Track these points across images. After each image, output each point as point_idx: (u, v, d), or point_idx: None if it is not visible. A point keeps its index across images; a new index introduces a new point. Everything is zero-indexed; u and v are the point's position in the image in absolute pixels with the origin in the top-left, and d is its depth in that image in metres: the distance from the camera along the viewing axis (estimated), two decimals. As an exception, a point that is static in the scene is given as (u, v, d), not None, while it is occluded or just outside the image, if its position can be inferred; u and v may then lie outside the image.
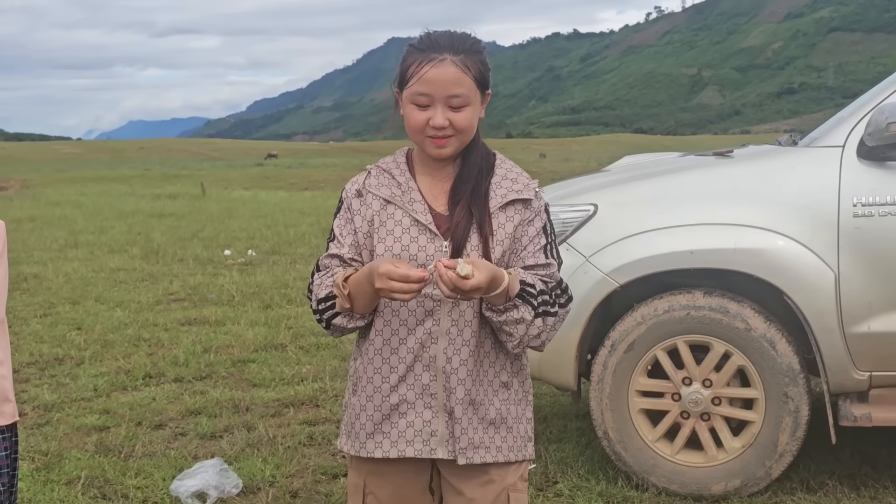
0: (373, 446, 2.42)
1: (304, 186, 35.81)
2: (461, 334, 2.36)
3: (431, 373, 2.37)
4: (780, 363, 4.29)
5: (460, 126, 2.31)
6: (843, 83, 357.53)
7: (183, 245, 14.86)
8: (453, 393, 2.36)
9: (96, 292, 10.27)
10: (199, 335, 7.93)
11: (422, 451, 2.39)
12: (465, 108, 2.31)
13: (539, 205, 2.42)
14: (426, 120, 2.31)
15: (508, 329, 2.33)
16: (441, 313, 2.35)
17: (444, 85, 2.29)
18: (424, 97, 2.30)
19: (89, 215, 21.26)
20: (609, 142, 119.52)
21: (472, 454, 2.39)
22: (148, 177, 43.06)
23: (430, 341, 2.36)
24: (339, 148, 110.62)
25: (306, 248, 14.39)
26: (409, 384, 2.38)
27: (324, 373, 6.60)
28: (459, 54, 2.30)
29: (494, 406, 2.42)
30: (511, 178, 2.42)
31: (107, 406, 5.92)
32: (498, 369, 2.43)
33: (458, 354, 2.36)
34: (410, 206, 2.37)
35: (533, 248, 2.39)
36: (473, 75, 2.31)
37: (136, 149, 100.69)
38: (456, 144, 2.35)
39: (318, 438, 5.26)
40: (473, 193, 2.37)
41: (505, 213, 2.38)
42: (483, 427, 2.41)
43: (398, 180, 2.41)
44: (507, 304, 2.30)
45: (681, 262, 4.35)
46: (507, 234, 2.37)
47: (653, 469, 4.45)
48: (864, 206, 4.17)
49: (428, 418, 2.39)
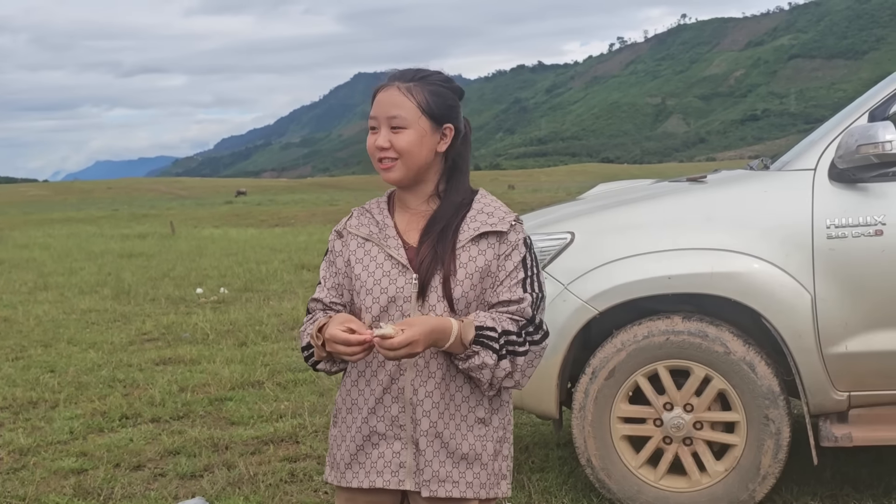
0: (350, 476, 2.47)
1: (275, 223, 35.71)
2: (427, 366, 2.40)
3: (400, 404, 2.41)
4: (760, 386, 4.31)
5: (399, 147, 2.40)
6: (804, 109, 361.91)
7: (154, 284, 14.75)
8: (418, 425, 2.40)
9: (68, 334, 10.17)
10: (174, 374, 7.86)
11: (390, 482, 2.42)
12: (403, 130, 2.40)
13: (517, 238, 2.44)
14: (374, 142, 2.44)
15: (475, 375, 2.37)
16: None
17: (385, 107, 2.41)
18: (373, 120, 2.45)
19: (58, 257, 21.06)
20: (577, 171, 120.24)
21: (437, 487, 2.41)
22: (116, 217, 42.78)
23: (398, 373, 2.41)
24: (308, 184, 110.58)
25: (279, 284, 14.33)
26: (380, 416, 2.43)
27: (302, 409, 6.56)
28: (408, 82, 2.44)
29: (468, 441, 2.43)
30: (487, 211, 2.46)
31: (84, 448, 5.84)
32: (473, 404, 2.44)
33: (424, 386, 2.40)
34: (385, 242, 2.45)
35: (510, 282, 2.40)
36: (416, 100, 2.41)
37: (103, 189, 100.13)
38: (402, 169, 2.42)
39: (300, 475, 5.22)
40: (442, 233, 2.42)
41: (477, 247, 2.41)
42: (453, 461, 2.42)
43: (377, 219, 2.50)
44: (467, 352, 2.33)
45: (659, 287, 4.38)
46: (478, 267, 2.39)
47: (637, 495, 4.45)
48: (837, 227, 4.22)
49: (398, 449, 2.42)
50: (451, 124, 2.46)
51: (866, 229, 4.19)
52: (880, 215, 4.19)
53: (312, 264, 17.29)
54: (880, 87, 4.50)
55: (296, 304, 11.77)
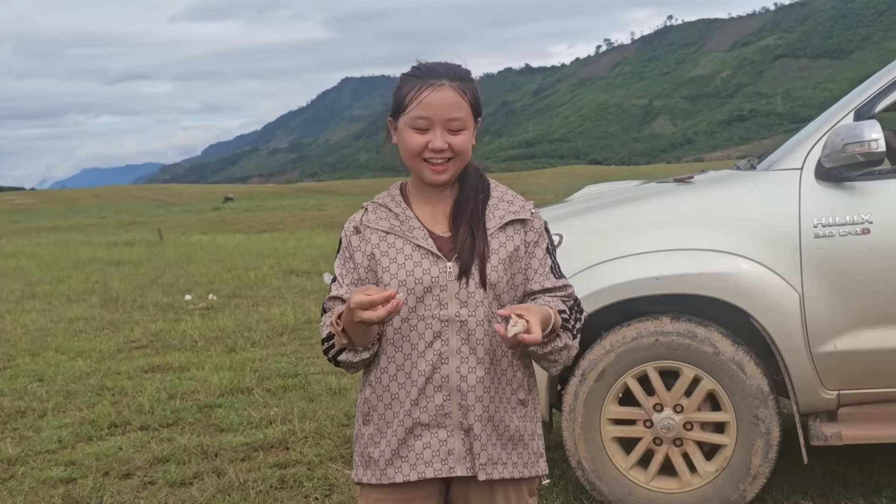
0: (393, 472, 2.42)
1: (263, 229, 35.65)
2: (474, 353, 2.39)
3: (444, 393, 2.39)
4: (749, 386, 4.31)
5: (459, 149, 2.39)
6: (791, 108, 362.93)
7: (142, 292, 14.71)
8: (471, 410, 2.39)
9: (56, 343, 10.13)
10: (163, 382, 7.83)
11: (441, 470, 2.40)
12: (462, 131, 2.39)
13: (539, 224, 2.50)
14: (425, 143, 2.38)
15: (553, 357, 2.41)
16: (449, 333, 2.38)
17: (444, 108, 2.36)
18: (424, 121, 2.37)
19: (45, 265, 20.99)
20: (564, 174, 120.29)
21: (492, 470, 2.42)
22: (104, 224, 42.67)
23: (440, 362, 2.38)
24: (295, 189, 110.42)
25: (267, 290, 14.30)
26: (422, 407, 2.40)
27: (292, 415, 6.54)
28: (456, 80, 2.39)
29: (514, 423, 2.46)
30: (507, 199, 2.49)
31: (72, 457, 5.82)
32: (515, 387, 2.47)
33: (474, 373, 2.39)
34: (410, 234, 2.42)
35: (543, 269, 2.46)
36: (469, 100, 2.40)
37: (90, 197, 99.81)
38: (454, 169, 2.42)
39: (290, 481, 5.20)
40: (473, 214, 2.43)
41: (504, 233, 2.43)
42: (502, 443, 2.44)
43: (395, 212, 2.46)
44: (551, 336, 2.36)
45: (647, 288, 4.38)
46: (508, 253, 2.42)
47: (628, 497, 4.45)
48: (824, 226, 4.22)
49: (444, 437, 2.40)
50: (481, 117, 2.49)
51: (853, 228, 4.20)
52: (867, 214, 4.19)
53: (301, 269, 17.26)
54: (866, 86, 4.50)
55: (285, 310, 11.75)
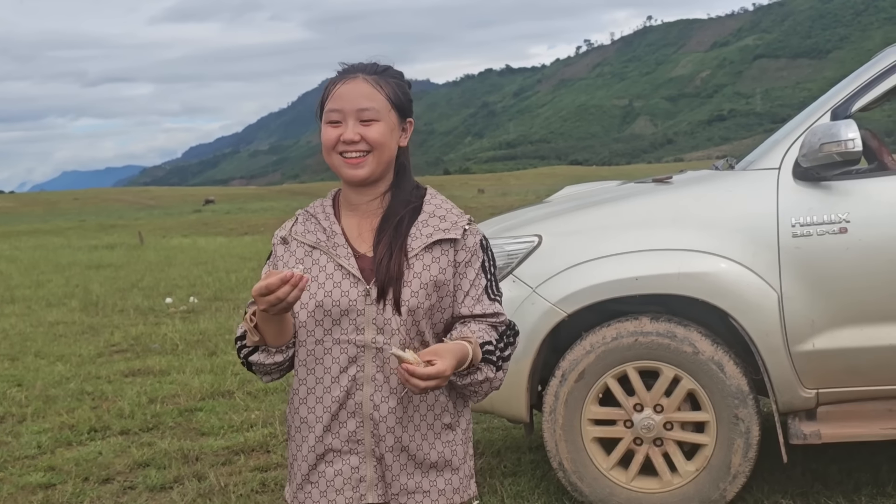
0: (303, 496, 2.38)
1: (244, 231, 35.54)
2: (387, 381, 2.30)
3: (357, 419, 2.31)
4: (728, 385, 4.33)
5: (371, 139, 2.29)
6: (770, 108, 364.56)
7: (123, 295, 14.64)
8: (382, 440, 2.31)
9: (36, 347, 10.06)
10: (143, 386, 7.80)
11: (352, 498, 2.34)
12: (375, 122, 2.30)
13: (474, 242, 2.35)
14: (338, 136, 2.31)
15: (474, 388, 2.32)
16: (365, 359, 2.29)
17: (354, 98, 2.30)
18: (336, 113, 2.31)
19: (25, 269, 20.86)
20: (546, 174, 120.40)
21: (407, 499, 2.35)
22: (84, 228, 42.43)
23: (355, 388, 2.30)
24: (277, 191, 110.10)
25: (249, 293, 14.18)
26: (335, 432, 2.33)
27: (273, 418, 6.53)
28: (372, 74, 2.34)
29: (436, 449, 2.36)
30: (439, 215, 2.35)
31: (52, 463, 5.78)
32: (438, 412, 2.36)
33: (387, 402, 2.30)
34: (334, 251, 2.33)
35: (475, 292, 2.33)
36: (385, 93, 2.32)
37: (70, 200, 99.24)
38: (372, 163, 2.30)
39: (271, 485, 5.19)
40: (396, 231, 2.31)
41: (430, 254, 2.31)
42: (422, 472, 2.35)
43: (323, 225, 2.38)
44: (470, 369, 2.26)
45: (626, 288, 4.39)
46: (432, 276, 2.29)
47: (609, 497, 4.46)
48: (802, 226, 4.24)
49: (355, 464, 2.33)
50: (412, 119, 2.40)
51: (831, 227, 4.22)
52: (844, 213, 4.22)
53: (282, 272, 17.21)
54: (842, 86, 4.53)
55: (266, 313, 11.71)
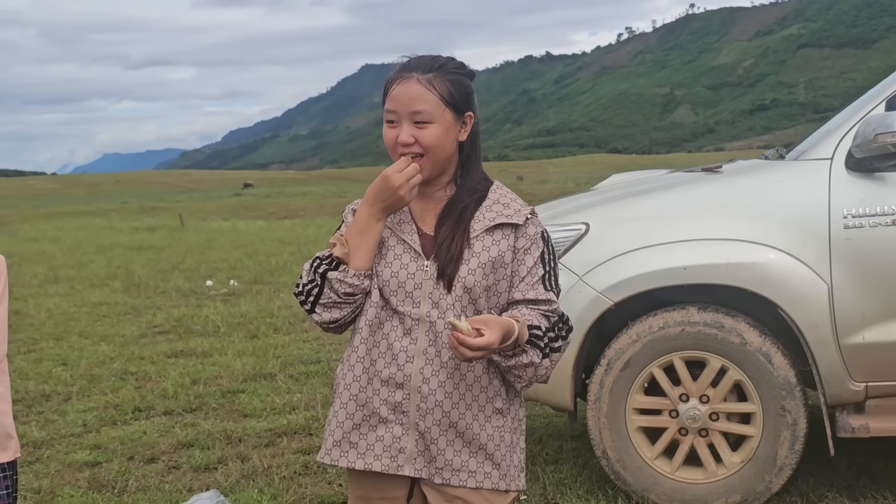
0: (338, 454, 2.41)
1: (283, 215, 35.70)
2: (439, 355, 2.33)
3: (405, 391, 2.34)
4: (776, 377, 4.29)
5: (425, 143, 2.32)
6: (813, 98, 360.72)
7: (164, 277, 14.78)
8: (430, 413, 2.34)
9: (80, 327, 10.19)
10: (186, 367, 7.87)
11: (388, 466, 2.36)
12: (429, 125, 2.32)
13: (535, 232, 2.38)
14: (395, 137, 2.35)
15: (517, 373, 2.32)
16: (418, 332, 2.34)
17: (407, 101, 2.32)
18: (392, 114, 2.35)
19: (68, 250, 21.11)
20: (585, 162, 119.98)
21: (450, 476, 2.36)
22: (125, 210, 42.84)
23: (406, 360, 2.34)
24: (316, 176, 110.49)
25: (289, 276, 14.33)
26: (383, 398, 2.36)
27: (315, 401, 6.56)
28: (427, 73, 2.34)
29: (486, 432, 2.38)
30: (503, 202, 2.40)
31: (97, 441, 5.85)
32: (491, 395, 2.38)
33: (437, 376, 2.33)
34: (399, 227, 2.40)
35: (531, 279, 2.35)
36: (439, 93, 2.32)
37: (112, 182, 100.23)
38: (428, 165, 2.35)
39: (314, 468, 5.21)
40: (460, 216, 2.36)
41: (491, 237, 2.35)
42: (470, 451, 2.37)
43: None
44: (516, 350, 2.27)
45: (674, 278, 4.35)
46: (490, 258, 2.33)
47: (652, 487, 4.44)
48: (854, 217, 4.19)
49: (398, 434, 2.36)
50: (471, 112, 2.40)
51: (883, 219, 4.16)
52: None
53: (322, 256, 17.28)
54: (897, 75, 4.46)
55: (306, 297, 11.76)
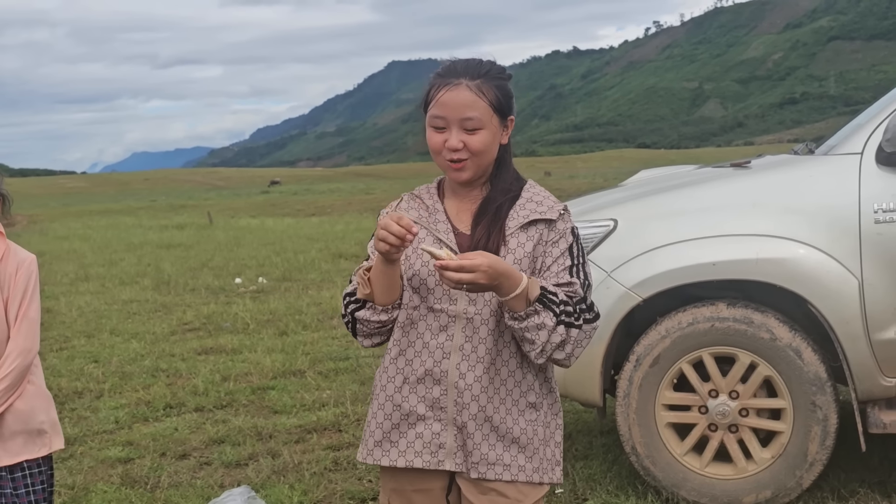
0: (380, 454, 2.47)
1: (311, 212, 35.79)
2: (475, 351, 2.39)
3: (442, 387, 2.40)
4: (806, 372, 4.27)
5: (474, 148, 2.38)
6: (844, 91, 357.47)
7: (193, 275, 14.86)
8: (466, 408, 2.39)
9: (110, 325, 10.28)
10: (216, 364, 7.93)
11: (430, 462, 2.42)
12: (478, 131, 2.38)
13: (565, 227, 2.44)
14: (442, 142, 2.40)
15: (530, 336, 2.32)
16: (455, 329, 2.40)
17: (458, 108, 2.37)
18: (440, 120, 2.40)
19: (98, 248, 21.26)
20: (613, 157, 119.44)
21: (486, 470, 2.40)
22: (154, 208, 43.08)
23: (442, 356, 2.40)
24: (343, 173, 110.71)
25: (317, 273, 14.38)
26: (420, 396, 2.43)
27: (344, 398, 6.59)
28: (475, 79, 2.39)
29: (519, 426, 2.43)
30: (536, 200, 2.46)
31: (129, 438, 5.92)
32: (524, 389, 2.44)
33: (473, 371, 2.39)
34: (434, 227, 2.46)
35: (557, 268, 2.40)
36: (488, 100, 2.39)
37: (141, 180, 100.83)
38: (473, 168, 2.41)
39: (344, 463, 5.25)
40: (496, 214, 2.42)
41: (526, 233, 2.41)
42: (503, 445, 2.42)
43: (426, 203, 2.52)
44: (527, 310, 2.30)
45: (703, 274, 4.35)
46: (526, 253, 2.39)
47: (682, 483, 4.43)
48: (885, 212, 4.16)
49: (437, 430, 2.42)
50: (513, 116, 2.46)
51: (915, 213, 4.13)
52: (929, 199, 4.12)
53: (350, 253, 17.33)
54: (928, 69, 4.42)
55: (334, 293, 11.81)
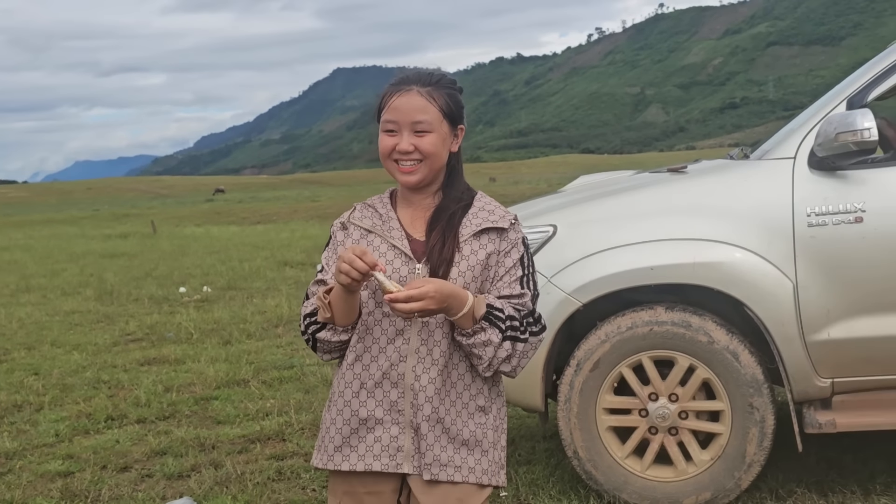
0: (340, 459, 2.49)
1: (257, 220, 35.61)
2: (430, 353, 2.44)
3: (399, 390, 2.44)
4: (743, 374, 4.33)
5: (424, 150, 2.44)
6: (783, 96, 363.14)
7: (137, 284, 14.71)
8: (420, 410, 2.43)
9: (52, 336, 10.13)
10: (159, 374, 7.85)
11: (388, 465, 2.46)
12: (428, 134, 2.44)
13: (516, 236, 2.51)
14: (393, 145, 2.46)
15: (477, 352, 2.41)
16: (411, 332, 2.44)
17: (409, 112, 2.44)
18: (392, 124, 2.46)
19: (40, 259, 20.97)
20: (557, 163, 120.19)
21: (438, 471, 2.45)
22: (97, 217, 42.60)
23: (399, 359, 2.44)
24: (289, 180, 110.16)
25: (262, 282, 14.30)
26: (378, 400, 2.46)
27: (288, 406, 6.56)
28: (427, 86, 2.47)
29: (469, 428, 2.48)
30: (488, 209, 2.53)
31: (70, 451, 5.83)
32: (474, 392, 2.50)
33: (427, 373, 2.43)
34: (389, 234, 2.51)
35: (509, 278, 2.47)
36: (438, 105, 2.47)
37: (83, 189, 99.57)
38: (424, 171, 2.47)
39: (287, 473, 5.22)
40: (449, 222, 2.48)
41: (478, 241, 2.47)
42: (454, 447, 2.47)
43: (380, 212, 2.56)
44: (474, 327, 2.38)
45: (641, 278, 4.39)
46: (479, 260, 2.46)
47: (624, 486, 4.47)
48: (817, 215, 4.24)
49: (395, 434, 2.46)
50: (463, 125, 2.55)
51: (846, 216, 4.21)
52: (860, 202, 4.21)
53: (295, 261, 17.27)
54: (858, 75, 4.51)
55: (279, 302, 11.76)
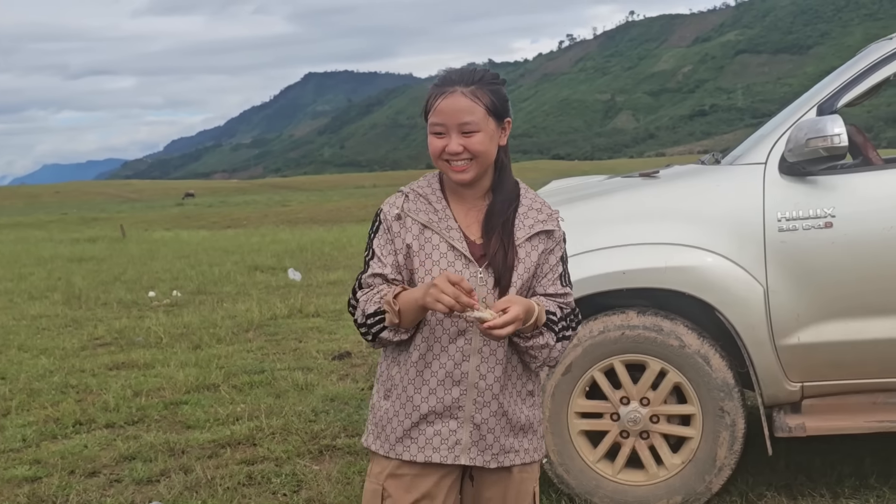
0: (401, 449, 2.59)
1: (226, 225, 35.46)
2: (494, 353, 2.55)
3: (462, 388, 2.55)
4: (714, 378, 4.36)
5: (474, 150, 2.50)
6: (751, 104, 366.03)
7: (105, 289, 14.59)
8: (486, 406, 2.57)
9: (19, 340, 10.02)
10: (128, 379, 7.78)
11: (447, 457, 2.57)
12: (476, 133, 2.50)
13: (560, 235, 2.65)
14: (443, 147, 2.52)
15: (534, 353, 2.56)
16: (473, 332, 2.53)
17: (455, 114, 2.50)
18: (439, 126, 2.52)
19: (6, 262, 20.76)
20: (528, 169, 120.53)
21: (503, 458, 2.61)
22: (65, 221, 42.26)
23: (462, 359, 2.54)
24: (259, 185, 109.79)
25: (232, 286, 14.23)
26: (439, 397, 2.56)
27: (259, 411, 6.52)
28: (470, 86, 2.52)
29: (524, 413, 2.65)
30: (536, 208, 2.62)
31: (37, 456, 5.76)
32: (525, 380, 2.65)
33: (492, 372, 2.56)
34: (447, 233, 2.55)
35: (552, 275, 2.60)
36: (483, 104, 2.51)
37: (51, 193, 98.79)
38: (475, 169, 2.53)
39: (258, 477, 5.19)
40: (504, 226, 2.56)
41: (531, 243, 2.58)
42: (514, 433, 2.63)
43: (435, 206, 2.59)
44: (534, 332, 2.52)
45: (613, 282, 4.41)
46: (533, 262, 2.57)
47: (595, 490, 4.48)
48: (788, 220, 4.27)
49: (453, 428, 2.57)
50: (510, 118, 2.60)
51: (816, 222, 4.24)
52: (830, 208, 4.24)
53: (266, 265, 17.20)
54: (828, 81, 4.55)
55: (250, 306, 11.69)
